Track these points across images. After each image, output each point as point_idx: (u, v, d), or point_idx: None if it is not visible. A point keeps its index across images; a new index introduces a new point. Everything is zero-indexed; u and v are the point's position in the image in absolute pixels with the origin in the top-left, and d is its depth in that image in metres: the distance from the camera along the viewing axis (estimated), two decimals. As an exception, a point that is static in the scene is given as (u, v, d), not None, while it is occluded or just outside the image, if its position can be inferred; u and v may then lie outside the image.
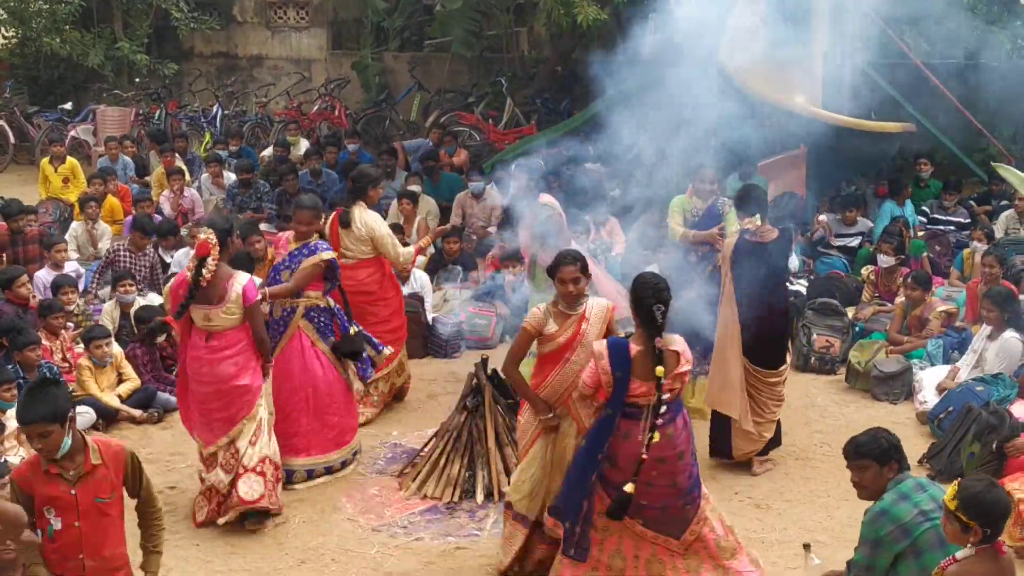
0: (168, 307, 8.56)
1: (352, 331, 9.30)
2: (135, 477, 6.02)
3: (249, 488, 8.25)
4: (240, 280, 8.13)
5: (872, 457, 6.04)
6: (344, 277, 9.75)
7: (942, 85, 15.40)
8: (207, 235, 8.01)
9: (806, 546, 6.66)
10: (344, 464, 9.41)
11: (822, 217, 14.87)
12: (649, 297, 6.67)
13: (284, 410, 9.16)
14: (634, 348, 6.68)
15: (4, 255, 13.11)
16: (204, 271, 7.96)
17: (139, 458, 6.06)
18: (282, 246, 9.51)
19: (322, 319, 9.27)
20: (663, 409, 6.58)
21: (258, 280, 9.07)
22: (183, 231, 14.47)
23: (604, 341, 6.81)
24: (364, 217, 10.25)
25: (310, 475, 9.18)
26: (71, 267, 13.14)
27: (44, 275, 12.51)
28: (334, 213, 10.47)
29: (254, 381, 8.32)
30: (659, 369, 6.57)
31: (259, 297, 8.35)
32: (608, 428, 6.69)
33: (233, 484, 8.26)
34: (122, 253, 12.94)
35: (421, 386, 11.24)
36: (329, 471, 9.29)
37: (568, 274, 7.17)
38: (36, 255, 13.21)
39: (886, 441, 6.09)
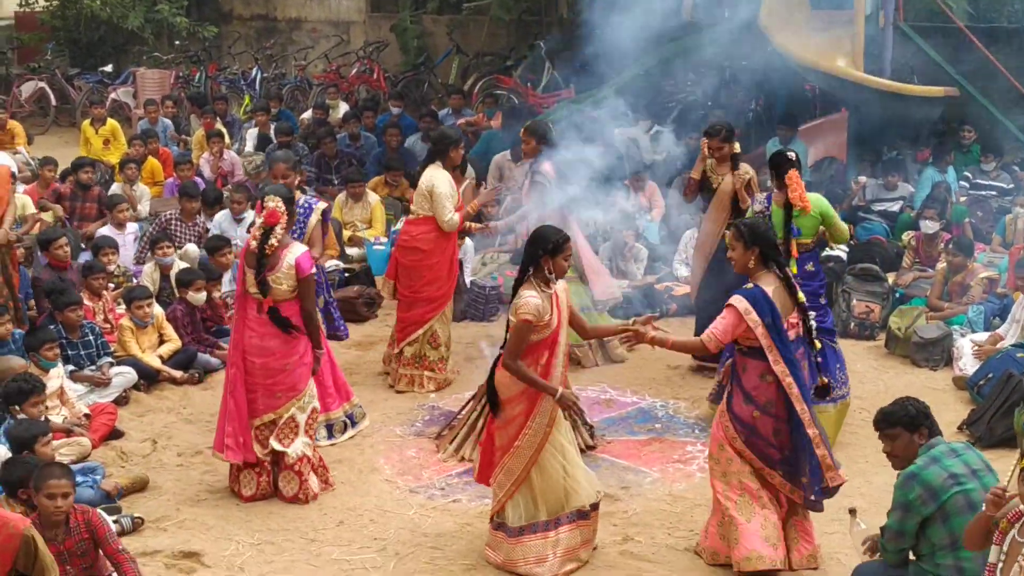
0: (237, 277, 8.47)
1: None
2: (27, 563, 5.84)
3: (287, 485, 8.26)
4: (294, 251, 8.00)
5: (902, 425, 6.13)
6: (405, 230, 10.50)
7: (985, 49, 15.22)
8: (276, 203, 7.91)
9: (852, 511, 6.65)
10: (352, 419, 9.49)
11: (861, 178, 14.76)
12: (768, 232, 7.19)
13: None
14: (769, 289, 6.98)
15: (63, 206, 13.40)
16: (272, 239, 7.87)
17: (37, 544, 5.85)
18: None
19: (318, 277, 9.38)
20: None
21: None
22: (224, 194, 14.51)
23: (738, 296, 6.99)
24: (432, 174, 10.31)
25: (330, 431, 9.28)
26: (133, 227, 13.27)
27: (107, 233, 12.73)
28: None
29: (301, 362, 8.16)
30: (800, 295, 7.12)
31: (313, 270, 8.20)
32: (798, 370, 7.03)
33: (275, 473, 8.31)
34: (174, 223, 13.00)
35: (458, 349, 11.24)
36: (348, 425, 9.44)
37: (569, 250, 7.16)
38: (93, 214, 13.55)
39: (914, 408, 6.16)
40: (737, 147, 10.26)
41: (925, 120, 15.25)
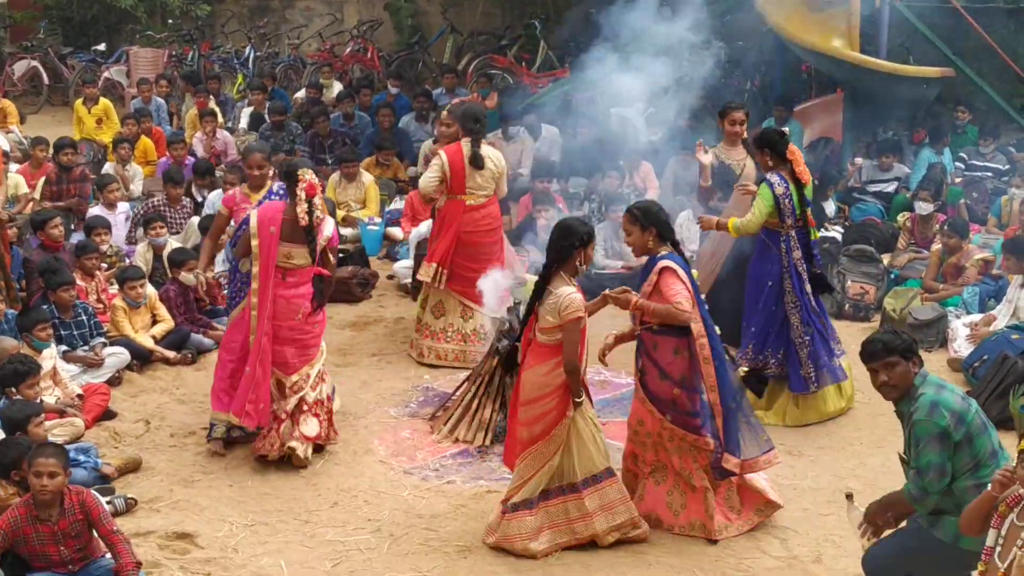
0: (256, 243, 8.36)
1: None
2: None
3: (309, 427, 8.41)
4: (329, 224, 8.38)
5: (899, 353, 5.96)
6: (479, 217, 10.30)
7: (982, 30, 15.17)
8: (311, 175, 8.20)
9: (848, 496, 6.60)
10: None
11: (858, 160, 14.73)
12: (661, 212, 7.34)
13: None
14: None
15: (50, 190, 13.32)
16: (316, 212, 8.16)
17: None
18: (240, 201, 9.25)
19: None
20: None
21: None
22: (217, 173, 14.47)
23: (666, 259, 7.21)
24: (495, 153, 10.40)
25: None
26: (123, 207, 13.22)
27: (98, 212, 12.68)
28: (449, 153, 10.28)
29: (323, 321, 8.63)
30: (695, 272, 7.35)
31: (337, 242, 8.69)
32: (713, 330, 7.25)
33: (294, 420, 8.40)
34: (162, 209, 12.97)
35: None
36: None
37: (594, 240, 7.24)
38: (75, 195, 13.46)
39: (908, 336, 6.11)
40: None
41: (921, 101, 15.20)
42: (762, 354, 9.15)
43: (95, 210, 12.84)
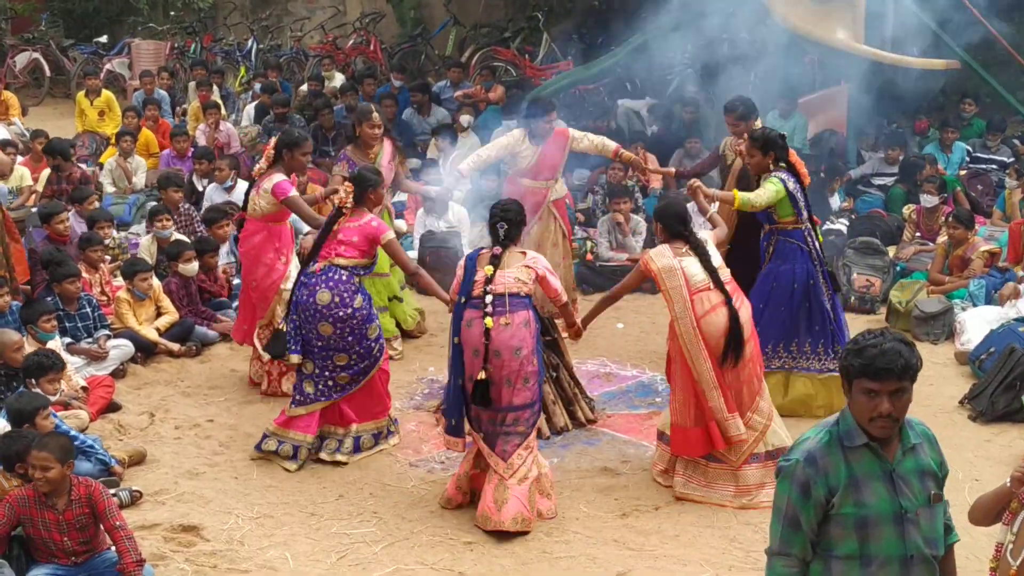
0: None
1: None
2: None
3: None
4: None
5: (913, 376, 4.25)
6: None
7: (986, 22, 15.12)
8: None
9: None
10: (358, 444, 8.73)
11: (853, 173, 14.69)
12: (493, 217, 7.68)
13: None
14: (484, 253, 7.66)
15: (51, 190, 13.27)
16: None
17: None
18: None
19: None
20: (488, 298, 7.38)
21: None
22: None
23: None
24: None
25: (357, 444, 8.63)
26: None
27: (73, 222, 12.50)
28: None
29: None
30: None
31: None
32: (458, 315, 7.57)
33: None
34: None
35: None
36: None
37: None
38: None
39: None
40: (758, 123, 10.00)
41: (926, 93, 15.16)
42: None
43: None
